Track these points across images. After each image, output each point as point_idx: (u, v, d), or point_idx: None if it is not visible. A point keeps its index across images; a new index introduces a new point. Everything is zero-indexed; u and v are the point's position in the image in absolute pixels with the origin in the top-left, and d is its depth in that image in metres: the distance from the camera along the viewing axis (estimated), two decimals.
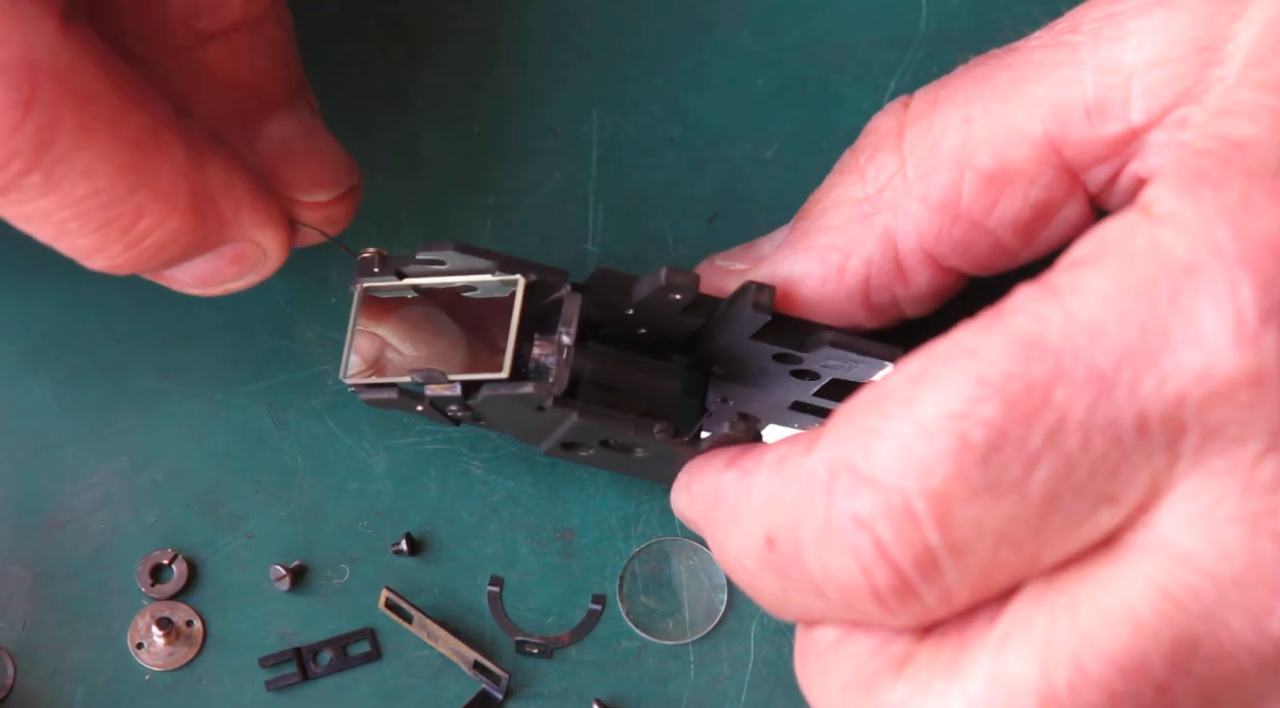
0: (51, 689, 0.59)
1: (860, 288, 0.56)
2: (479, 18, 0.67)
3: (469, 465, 0.62)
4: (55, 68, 0.50)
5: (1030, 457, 0.45)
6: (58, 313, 0.63)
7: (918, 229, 0.55)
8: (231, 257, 0.56)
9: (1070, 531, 0.46)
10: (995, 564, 0.47)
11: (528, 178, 0.65)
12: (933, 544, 0.46)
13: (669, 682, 0.60)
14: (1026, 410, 0.45)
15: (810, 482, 0.48)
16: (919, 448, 0.46)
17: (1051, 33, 0.54)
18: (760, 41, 0.66)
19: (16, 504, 0.61)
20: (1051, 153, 0.53)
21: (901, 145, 0.56)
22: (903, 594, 0.47)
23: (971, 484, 0.46)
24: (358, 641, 0.60)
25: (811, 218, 0.57)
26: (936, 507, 0.46)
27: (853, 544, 0.47)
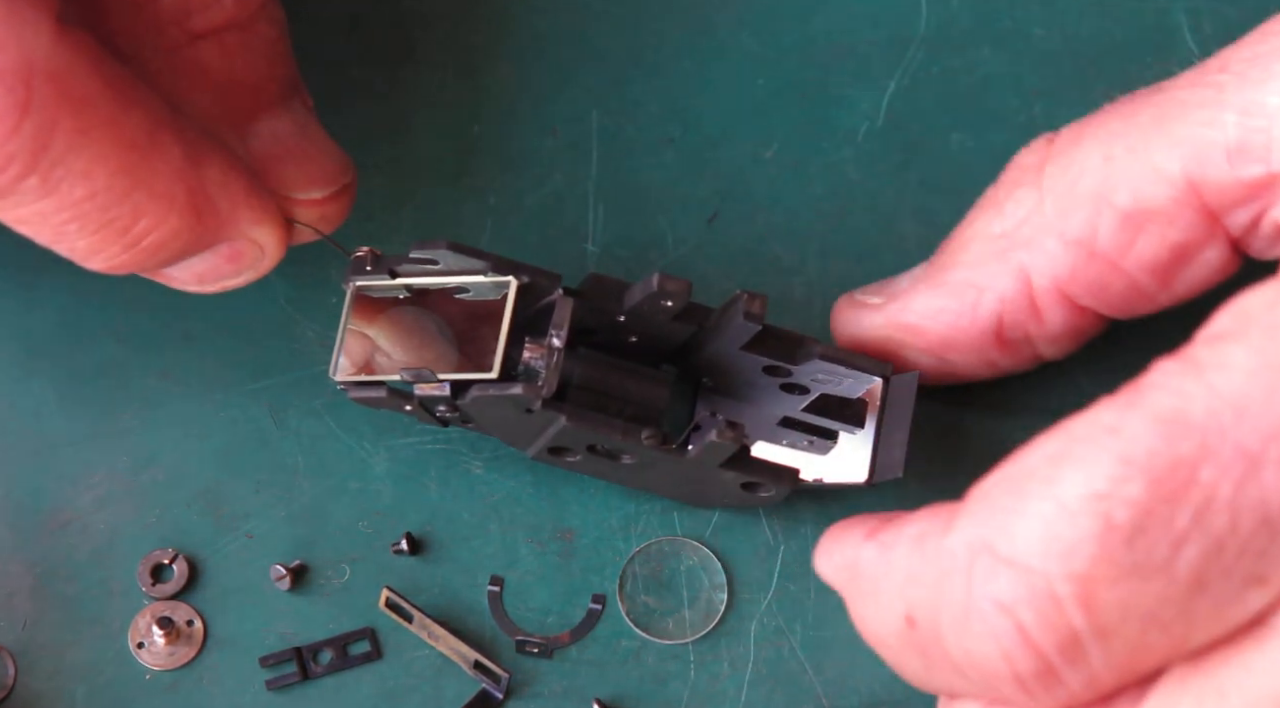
0: (52, 689, 0.59)
1: (993, 324, 0.56)
2: (479, 18, 0.67)
3: (469, 465, 0.62)
4: (51, 71, 0.50)
5: (1177, 537, 0.45)
6: (58, 312, 0.63)
7: (1052, 266, 0.54)
8: (229, 255, 0.56)
9: (1218, 613, 0.45)
10: (1142, 647, 0.46)
11: (528, 178, 0.65)
12: (1077, 628, 0.45)
13: (669, 681, 0.60)
14: (1172, 490, 0.44)
15: (950, 562, 0.47)
16: (1062, 529, 0.45)
17: (1200, 72, 0.53)
18: (760, 41, 0.66)
19: (17, 504, 0.61)
20: (1191, 193, 0.52)
21: (1041, 180, 0.55)
22: (1046, 680, 0.46)
23: (1117, 566, 0.45)
24: (358, 640, 0.60)
25: (949, 253, 0.57)
26: (1081, 590, 0.45)
27: (994, 629, 0.46)
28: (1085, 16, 0.66)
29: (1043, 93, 0.65)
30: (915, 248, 0.64)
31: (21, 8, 0.50)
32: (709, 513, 0.61)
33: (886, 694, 0.59)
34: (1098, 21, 0.66)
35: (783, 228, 0.64)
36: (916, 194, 0.64)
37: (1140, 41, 0.66)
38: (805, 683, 0.59)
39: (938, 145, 0.65)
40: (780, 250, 0.64)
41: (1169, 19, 0.66)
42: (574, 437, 0.57)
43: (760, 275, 0.63)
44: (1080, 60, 0.66)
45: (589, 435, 0.57)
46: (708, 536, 0.61)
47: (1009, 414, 0.61)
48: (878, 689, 0.59)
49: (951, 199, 0.61)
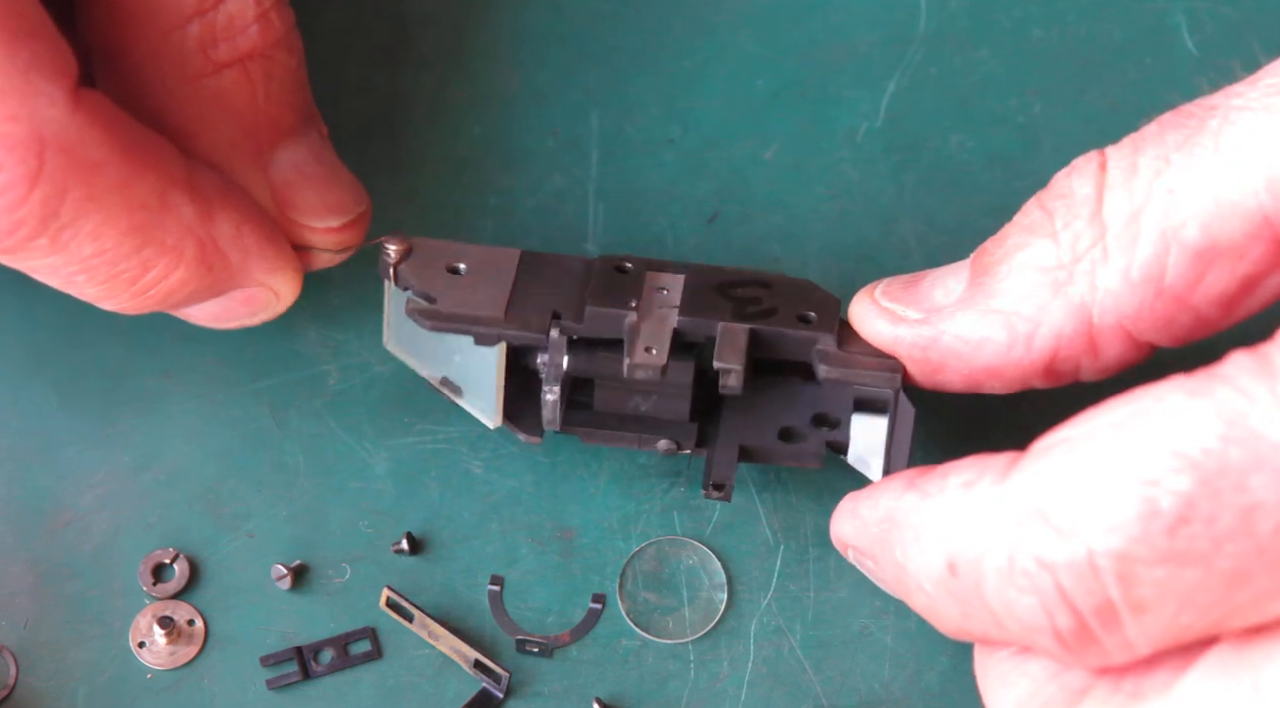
0: (53, 688, 0.60)
1: (1046, 359, 0.55)
2: (479, 18, 0.67)
3: (469, 465, 0.62)
4: (63, 141, 0.52)
5: (1220, 535, 0.45)
6: (60, 312, 0.63)
7: (1117, 304, 0.53)
8: (243, 299, 0.59)
9: (1258, 604, 0.46)
10: (1178, 625, 0.46)
11: (528, 178, 0.65)
12: (1114, 599, 0.46)
13: (669, 681, 0.60)
14: (1219, 490, 0.45)
15: (1000, 515, 0.48)
16: (1109, 505, 0.46)
17: (1257, 90, 0.51)
18: (760, 42, 0.66)
19: (18, 504, 0.61)
20: (1265, 227, 0.51)
21: (1101, 214, 0.53)
22: (1083, 639, 0.47)
23: (1157, 550, 0.45)
24: (359, 640, 0.60)
25: (996, 276, 0.55)
26: (1120, 566, 0.46)
27: (1036, 584, 0.47)
28: (1085, 17, 0.66)
29: (1042, 93, 0.65)
30: (915, 248, 0.64)
31: (36, 80, 0.51)
32: (709, 513, 0.61)
33: (886, 694, 0.59)
34: (1097, 22, 0.66)
35: (783, 228, 0.64)
36: (916, 194, 0.65)
37: (1139, 42, 0.66)
38: (805, 683, 0.59)
39: (938, 145, 0.65)
40: (780, 250, 0.64)
41: (1168, 19, 0.66)
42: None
43: None
44: (1080, 60, 0.66)
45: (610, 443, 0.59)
46: (708, 535, 0.61)
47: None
48: (877, 689, 0.59)
49: (951, 199, 0.61)
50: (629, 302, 0.57)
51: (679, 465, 0.62)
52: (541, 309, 0.57)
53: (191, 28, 0.56)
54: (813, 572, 0.61)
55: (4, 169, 0.51)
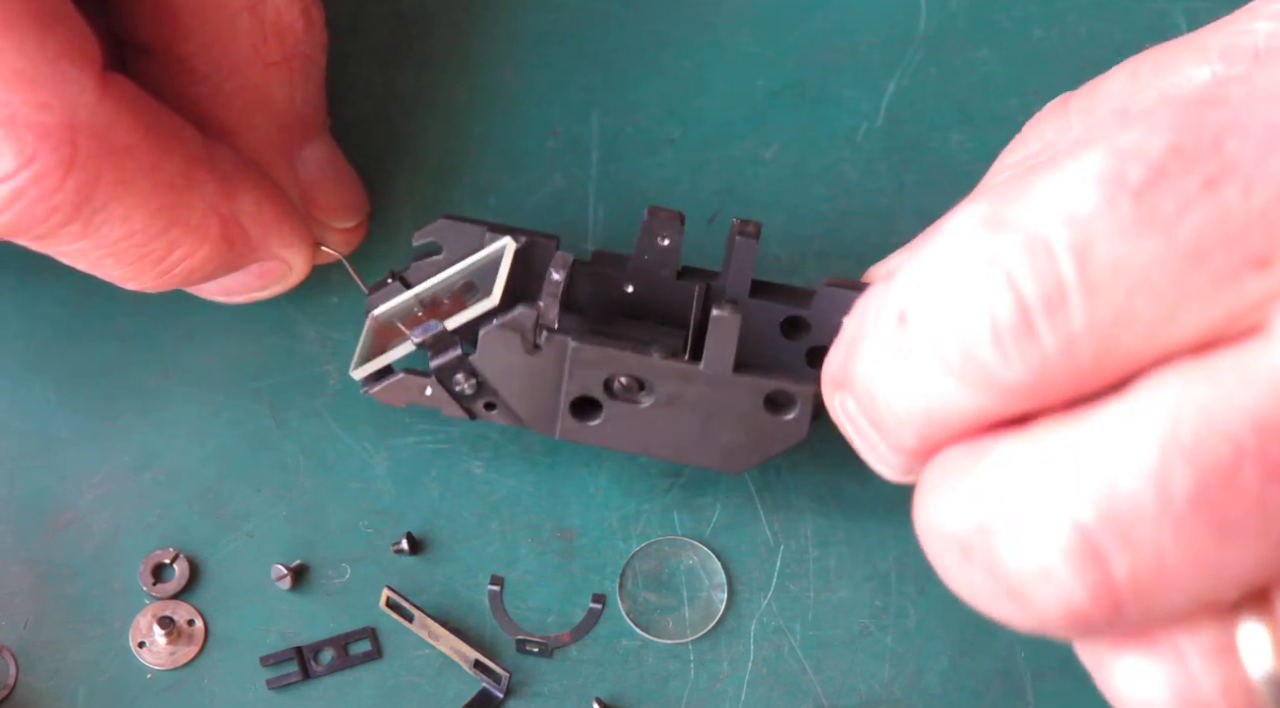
0: (53, 688, 0.60)
1: None
2: (479, 18, 0.67)
3: (469, 465, 0.62)
4: (94, 127, 0.52)
5: (1187, 198, 0.43)
6: (60, 312, 0.63)
7: None
8: (258, 272, 0.59)
9: (1212, 291, 0.44)
10: (1126, 315, 0.44)
11: (528, 178, 0.65)
12: (1065, 278, 0.44)
13: (669, 681, 0.60)
14: (1192, 152, 0.44)
15: (950, 236, 0.46)
16: (1072, 184, 0.44)
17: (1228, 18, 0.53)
18: (760, 42, 0.66)
19: (18, 503, 0.61)
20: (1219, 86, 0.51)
21: (1068, 107, 0.55)
22: (1022, 333, 0.44)
23: (1119, 219, 0.44)
24: (359, 640, 0.60)
25: (973, 195, 0.55)
26: (1077, 237, 0.44)
27: (981, 282, 0.44)
28: (1085, 16, 0.66)
29: (1042, 93, 0.65)
30: None
31: (65, 67, 0.51)
32: (709, 513, 0.61)
33: (886, 694, 0.59)
34: (1097, 21, 0.66)
35: (783, 228, 0.64)
36: (916, 194, 0.65)
37: (1140, 42, 0.66)
38: (805, 683, 0.59)
39: (937, 145, 0.65)
40: (780, 250, 0.64)
41: (1168, 19, 0.66)
42: (587, 370, 0.56)
43: (760, 275, 0.63)
44: (1080, 60, 0.66)
45: (600, 361, 0.56)
46: (708, 535, 0.61)
47: None
48: (877, 689, 0.59)
49: (951, 199, 0.61)
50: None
51: (679, 465, 0.62)
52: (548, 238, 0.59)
53: (241, 21, 0.57)
54: (813, 572, 0.61)
55: (38, 158, 0.52)
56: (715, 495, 0.61)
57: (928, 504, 0.46)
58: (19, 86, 0.51)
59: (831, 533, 0.61)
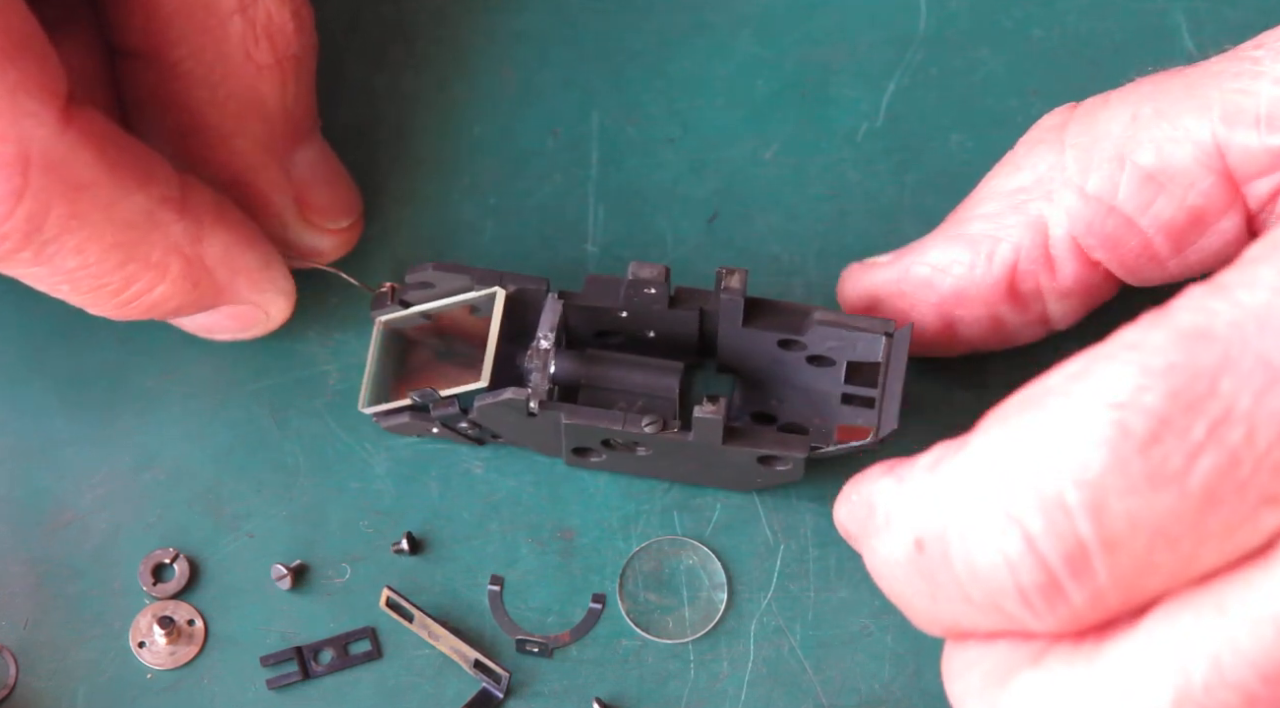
0: (53, 688, 0.60)
1: (1007, 274, 0.56)
2: (479, 18, 0.67)
3: (469, 465, 0.62)
4: (49, 160, 0.53)
5: (1193, 448, 0.44)
6: (60, 312, 0.63)
7: (1070, 217, 0.55)
8: (231, 315, 0.60)
9: (1229, 532, 0.45)
10: (1148, 564, 0.45)
11: (528, 178, 0.65)
12: (1085, 539, 0.45)
13: (669, 681, 0.60)
14: (1191, 399, 0.44)
15: (961, 481, 0.47)
16: (1075, 439, 0.45)
17: (1236, 50, 0.53)
18: (760, 42, 0.66)
19: (19, 503, 0.61)
20: (1216, 157, 0.53)
21: (1063, 138, 0.55)
22: (1050, 594, 0.46)
23: (1130, 475, 0.44)
24: (359, 640, 0.60)
25: (965, 209, 0.57)
26: (1091, 498, 0.45)
27: (1001, 540, 0.46)
28: (1085, 17, 0.66)
29: (1042, 93, 0.65)
30: None
31: (24, 100, 0.52)
32: (709, 513, 0.61)
33: (886, 694, 0.59)
34: (1097, 22, 0.66)
35: (783, 228, 0.64)
36: (916, 194, 0.65)
37: (1140, 42, 0.66)
38: (805, 683, 0.59)
39: (938, 145, 0.65)
40: (780, 250, 0.64)
41: (1168, 19, 0.66)
42: (584, 434, 0.58)
43: (760, 275, 0.63)
44: (1080, 60, 0.66)
45: (592, 430, 0.57)
46: (708, 535, 0.61)
47: None
48: (877, 689, 0.59)
49: (951, 199, 0.61)
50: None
51: None
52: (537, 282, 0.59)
53: (233, 25, 0.57)
54: (813, 572, 0.61)
55: None
56: (715, 495, 0.61)
57: (955, 688, 0.50)
58: None
59: (831, 533, 0.61)
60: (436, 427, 0.60)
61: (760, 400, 0.60)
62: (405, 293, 0.60)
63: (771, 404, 0.60)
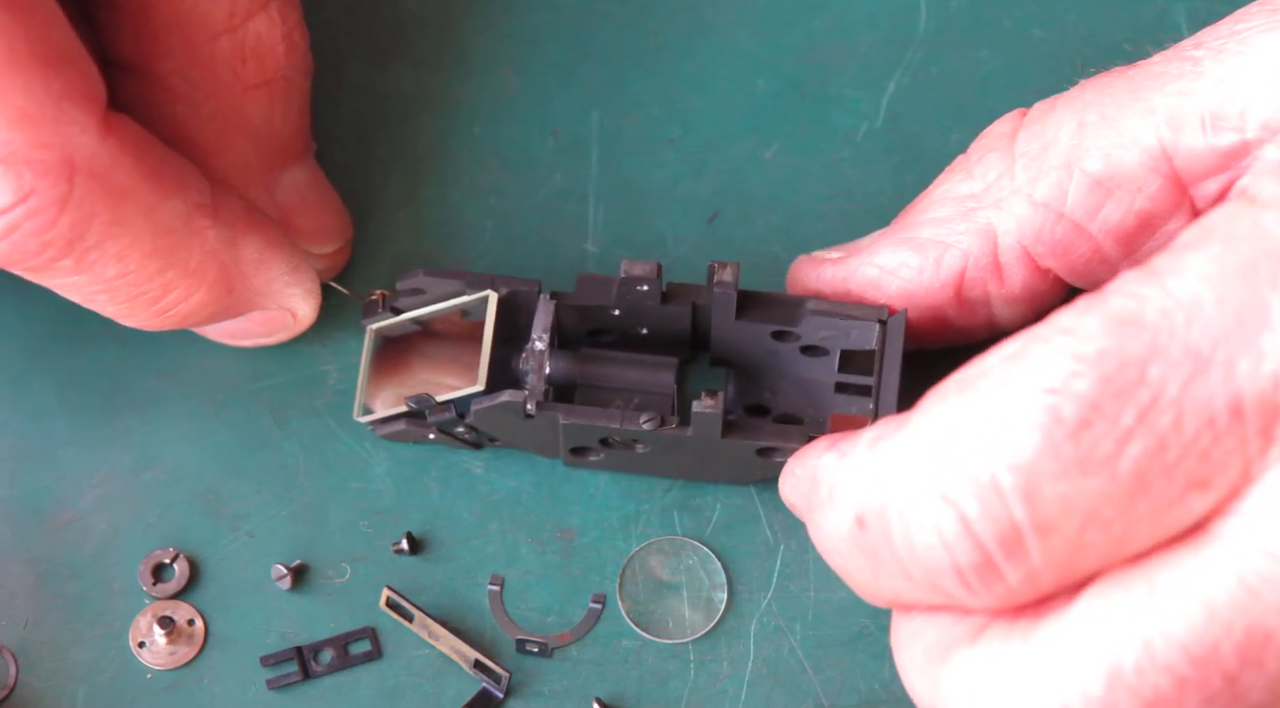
0: (53, 688, 0.60)
1: (954, 280, 0.56)
2: (479, 18, 0.67)
3: (469, 465, 0.62)
4: (93, 166, 0.53)
5: (1122, 434, 0.45)
6: (60, 312, 0.63)
7: (1019, 226, 0.55)
8: (260, 320, 0.60)
9: (1158, 515, 0.46)
10: (1081, 546, 0.46)
11: (528, 178, 0.65)
12: (1018, 521, 0.46)
13: (669, 681, 0.60)
14: (1120, 387, 0.45)
15: (899, 460, 0.48)
16: (1009, 423, 0.46)
17: (1175, 50, 0.54)
18: (760, 42, 0.66)
19: (18, 503, 0.61)
20: (1163, 161, 0.53)
21: (1013, 146, 0.56)
22: (986, 573, 0.47)
23: (1061, 460, 0.45)
24: (359, 640, 0.60)
25: (914, 212, 0.57)
26: (1024, 482, 0.46)
27: (937, 520, 0.47)
28: (1084, 17, 0.66)
29: (1042, 93, 0.65)
30: None
31: (68, 107, 0.52)
32: (709, 513, 0.61)
33: (886, 694, 0.59)
34: (1097, 22, 0.66)
35: (783, 228, 0.64)
36: (916, 194, 0.64)
37: (1139, 42, 0.66)
38: (805, 683, 0.59)
39: (938, 145, 0.65)
40: (780, 250, 0.64)
41: (1168, 19, 0.66)
42: (580, 433, 0.58)
43: (760, 275, 0.63)
44: (1080, 60, 0.66)
45: (590, 429, 0.57)
46: (708, 535, 0.61)
47: None
48: (877, 689, 0.59)
49: None
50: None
51: None
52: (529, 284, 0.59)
53: (221, 44, 0.57)
54: (813, 572, 0.61)
55: (35, 194, 0.52)
56: (715, 495, 0.61)
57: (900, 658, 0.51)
58: (21, 124, 0.52)
59: None
60: (433, 433, 0.60)
61: (754, 393, 0.60)
62: (396, 300, 0.60)
63: (765, 396, 0.60)
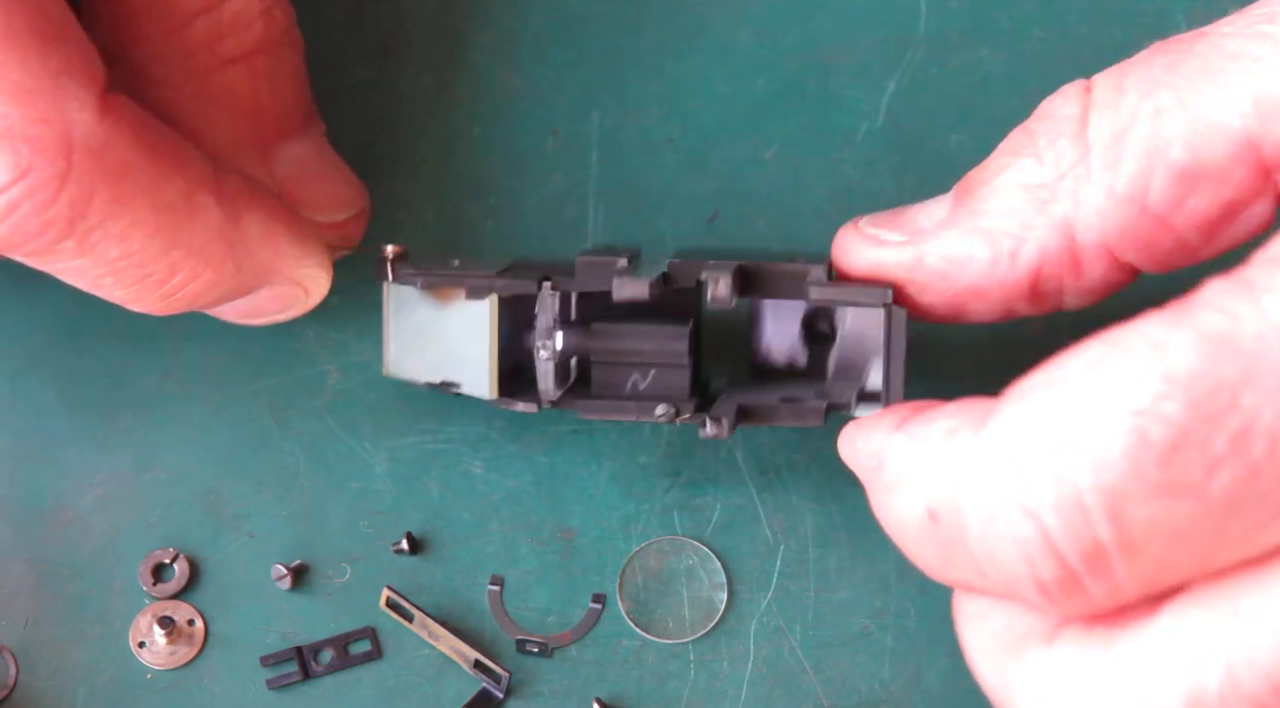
0: (53, 688, 0.60)
1: (1030, 276, 0.54)
2: (479, 18, 0.67)
3: (469, 465, 0.62)
4: (91, 144, 0.52)
5: (1213, 460, 0.44)
6: (60, 312, 0.63)
7: (1101, 221, 0.53)
8: (272, 297, 0.59)
9: (1248, 537, 0.45)
10: (1167, 564, 0.45)
11: (528, 178, 0.65)
12: (1103, 541, 0.45)
13: (669, 681, 0.60)
14: (1212, 412, 0.44)
15: (979, 460, 0.47)
16: (1094, 442, 0.45)
17: (1246, 19, 0.51)
18: (760, 42, 0.66)
19: (19, 503, 0.61)
20: (1249, 150, 0.51)
21: (1085, 133, 0.53)
22: (1068, 587, 0.46)
23: (1149, 483, 0.44)
24: (359, 640, 0.60)
25: (980, 197, 0.55)
26: (1110, 503, 0.44)
27: (1019, 532, 0.46)
28: (1085, 17, 0.66)
29: (1042, 93, 0.65)
30: None
31: (66, 83, 0.52)
32: (709, 513, 0.61)
33: (886, 694, 0.59)
34: (1098, 21, 0.66)
35: (783, 228, 0.64)
36: (916, 194, 0.64)
37: (1140, 42, 0.65)
38: (805, 683, 0.59)
39: (938, 145, 0.65)
40: (780, 250, 0.64)
41: (1168, 19, 0.66)
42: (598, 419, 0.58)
43: None
44: (1080, 60, 0.66)
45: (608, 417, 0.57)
46: (708, 535, 0.61)
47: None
48: (877, 689, 0.59)
49: None
50: (620, 254, 0.57)
51: (679, 465, 0.62)
52: (533, 273, 0.58)
53: (197, 25, 0.57)
54: (813, 572, 0.61)
55: (34, 171, 0.52)
56: (715, 496, 0.61)
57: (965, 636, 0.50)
58: (18, 100, 0.51)
59: (831, 533, 0.61)
60: None
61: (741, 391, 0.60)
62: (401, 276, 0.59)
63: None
